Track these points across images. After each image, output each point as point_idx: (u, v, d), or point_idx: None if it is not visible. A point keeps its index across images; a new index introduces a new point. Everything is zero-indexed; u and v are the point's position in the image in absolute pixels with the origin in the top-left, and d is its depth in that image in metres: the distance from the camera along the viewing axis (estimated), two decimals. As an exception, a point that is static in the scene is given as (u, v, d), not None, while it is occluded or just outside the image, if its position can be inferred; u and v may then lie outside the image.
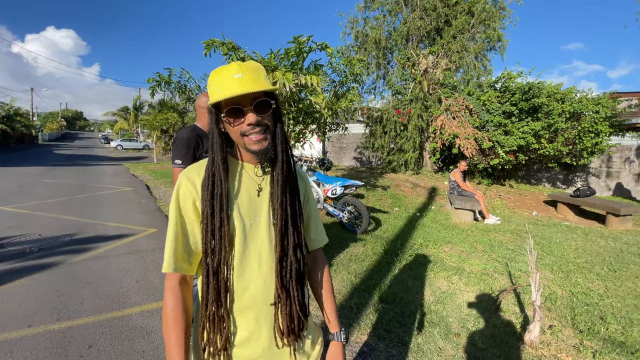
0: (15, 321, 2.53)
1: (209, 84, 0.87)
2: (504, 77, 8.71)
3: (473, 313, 2.96)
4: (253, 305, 0.89)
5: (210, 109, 0.87)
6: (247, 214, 0.90)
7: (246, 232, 0.89)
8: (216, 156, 0.88)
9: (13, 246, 4.11)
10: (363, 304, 3.05)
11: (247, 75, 0.83)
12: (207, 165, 0.89)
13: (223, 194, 0.86)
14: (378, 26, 10.32)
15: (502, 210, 7.83)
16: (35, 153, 23.20)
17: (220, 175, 0.86)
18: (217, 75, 0.85)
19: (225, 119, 0.85)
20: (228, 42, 4.97)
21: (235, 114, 0.83)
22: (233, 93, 0.80)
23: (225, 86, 0.81)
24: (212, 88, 0.85)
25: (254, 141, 0.85)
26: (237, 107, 0.83)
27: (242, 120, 0.84)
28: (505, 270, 4.00)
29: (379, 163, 12.28)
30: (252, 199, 0.92)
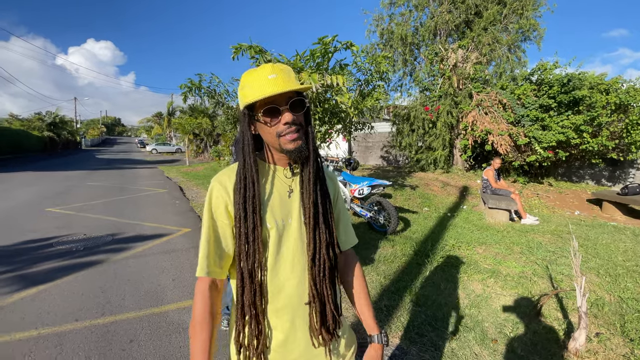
0: (64, 315, 2.71)
1: (241, 86, 0.87)
2: (540, 69, 8.23)
3: (511, 318, 2.83)
4: (288, 306, 0.90)
5: (243, 111, 0.88)
6: (280, 215, 0.91)
7: (279, 233, 0.89)
8: (247, 159, 0.89)
9: (61, 245, 4.42)
10: (393, 306, 2.99)
11: (281, 76, 0.84)
12: (238, 169, 0.90)
13: (255, 196, 0.87)
14: (404, 22, 10.11)
15: (540, 209, 7.42)
16: (79, 158, 24.83)
17: (252, 178, 0.87)
18: (250, 77, 0.86)
19: (262, 119, 0.85)
20: (255, 46, 5.06)
21: (272, 113, 0.84)
22: (271, 92, 0.81)
23: (261, 86, 0.82)
24: (246, 90, 0.85)
25: (289, 140, 0.85)
26: (273, 106, 0.83)
27: (278, 120, 0.85)
28: (545, 274, 3.79)
29: (406, 162, 12.04)
30: (284, 201, 0.93)
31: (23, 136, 24.72)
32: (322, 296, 0.92)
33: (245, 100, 0.85)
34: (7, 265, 3.68)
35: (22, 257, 3.93)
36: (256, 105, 0.85)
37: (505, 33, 9.13)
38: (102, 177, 12.59)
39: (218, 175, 0.93)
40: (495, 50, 9.04)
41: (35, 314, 2.70)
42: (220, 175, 0.93)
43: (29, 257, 3.93)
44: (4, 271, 3.51)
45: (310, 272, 0.91)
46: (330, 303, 0.94)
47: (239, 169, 0.89)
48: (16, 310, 2.74)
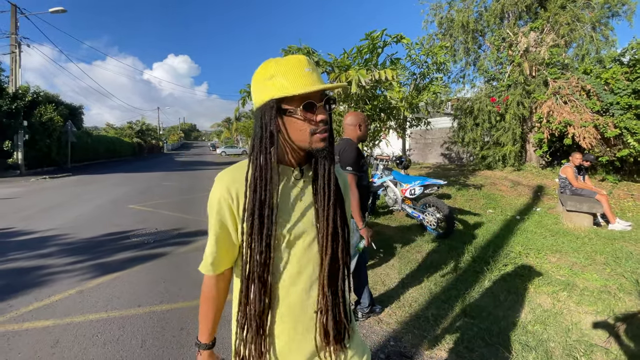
0: (129, 301, 3.03)
1: (270, 75, 0.80)
2: (633, 48, 6.93)
3: (584, 339, 2.42)
4: (291, 314, 0.86)
5: (269, 103, 0.80)
6: (290, 218, 0.87)
7: (288, 237, 0.86)
8: (268, 156, 0.82)
9: (136, 237, 4.99)
10: (442, 315, 2.78)
11: (315, 71, 0.82)
12: (253, 166, 0.83)
13: (273, 198, 0.82)
14: (466, 8, 9.33)
15: (635, 213, 6.30)
16: (161, 160, 27.91)
17: (270, 178, 0.81)
18: (281, 67, 0.80)
19: (301, 115, 0.80)
20: (304, 47, 5.13)
21: (309, 109, 0.79)
22: (316, 87, 0.77)
23: (301, 79, 0.78)
24: (278, 80, 0.79)
25: (319, 139, 0.82)
26: (311, 102, 0.79)
27: (313, 117, 0.80)
28: (634, 289, 3.19)
29: (470, 159, 11.14)
30: (294, 203, 0.88)
31: (116, 142, 28.58)
32: (334, 305, 0.88)
33: (279, 91, 0.79)
34: (91, 254, 4.25)
35: (103, 248, 4.51)
36: (289, 99, 0.79)
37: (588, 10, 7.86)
38: (177, 178, 13.95)
39: (222, 175, 0.87)
40: (575, 30, 7.83)
41: (107, 298, 3.07)
42: (224, 175, 0.87)
43: (109, 248, 4.50)
44: (88, 259, 4.07)
45: (323, 280, 0.86)
46: (342, 312, 0.90)
47: (256, 166, 0.82)
48: (93, 295, 3.14)
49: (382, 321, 2.74)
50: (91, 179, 13.43)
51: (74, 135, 17.83)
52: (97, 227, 5.62)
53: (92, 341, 2.43)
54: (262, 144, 0.81)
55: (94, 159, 22.76)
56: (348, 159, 2.49)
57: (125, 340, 2.43)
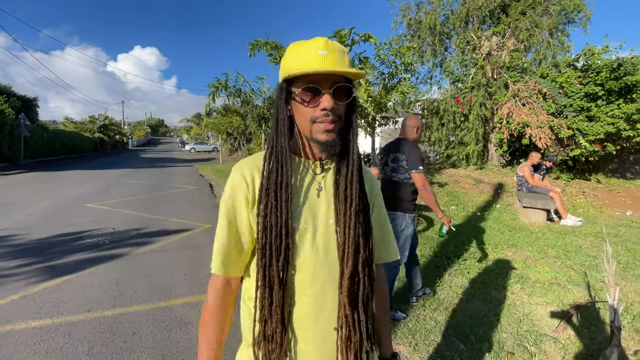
0: (79, 306, 2.84)
1: (286, 56, 0.77)
2: (586, 54, 7.43)
3: (534, 330, 2.55)
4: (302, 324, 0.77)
5: (281, 84, 0.78)
6: (305, 215, 0.78)
7: (302, 236, 0.77)
8: (282, 139, 0.77)
9: (90, 238, 4.69)
10: (403, 310, 2.82)
11: (333, 55, 0.73)
12: (267, 151, 0.78)
13: (288, 183, 0.75)
14: (433, 10, 9.59)
15: (586, 209, 6.76)
16: (125, 157, 26.60)
17: (285, 162, 0.76)
18: (298, 47, 0.76)
19: (300, 98, 0.74)
20: (271, 42, 5.03)
21: (312, 94, 0.73)
22: (316, 68, 0.70)
23: (308, 60, 0.72)
24: (290, 60, 0.75)
25: (322, 130, 0.74)
26: (315, 86, 0.73)
27: (317, 103, 0.74)
28: (582, 281, 3.40)
29: (436, 158, 11.50)
30: (312, 199, 0.80)
31: (76, 137, 26.90)
32: (355, 322, 0.76)
33: (286, 71, 0.74)
34: (40, 256, 3.96)
35: (54, 250, 4.21)
36: (296, 81, 0.74)
37: (546, 16, 8.34)
38: (142, 175, 13.35)
39: (239, 164, 0.83)
40: (534, 35, 8.28)
41: (53, 303, 2.85)
42: (241, 164, 0.82)
43: (60, 250, 4.21)
44: (36, 262, 3.78)
45: (344, 292, 0.76)
46: (363, 331, 0.78)
47: (270, 150, 0.78)
48: (37, 300, 2.91)
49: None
50: (47, 176, 12.55)
51: (28, 129, 16.60)
52: (50, 227, 5.25)
53: (34, 349, 2.26)
54: (278, 128, 0.78)
55: (50, 154, 21.31)
56: (418, 160, 2.63)
57: (70, 348, 2.27)
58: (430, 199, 2.64)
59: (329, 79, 0.73)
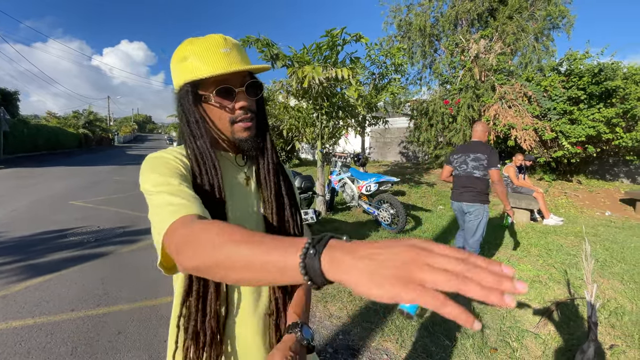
0: (62, 305, 2.79)
1: (183, 56, 0.72)
2: (569, 59, 7.65)
3: (517, 326, 2.62)
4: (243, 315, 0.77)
5: (186, 87, 0.72)
6: (239, 205, 0.78)
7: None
8: (201, 142, 0.72)
9: (74, 236, 4.59)
10: (390, 308, 2.86)
11: (235, 52, 0.72)
12: (189, 150, 0.74)
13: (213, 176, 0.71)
14: (423, 12, 9.70)
15: (567, 209, 6.95)
16: (111, 154, 26.03)
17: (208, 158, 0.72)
18: (195, 47, 0.71)
19: (215, 101, 0.71)
20: (263, 39, 5.00)
21: (226, 95, 0.71)
22: (229, 69, 0.68)
23: (213, 61, 0.69)
24: (191, 62, 0.70)
25: (243, 128, 0.74)
26: (228, 87, 0.70)
27: (232, 103, 0.72)
28: (562, 278, 3.51)
29: (425, 158, 11.66)
30: (242, 188, 0.81)
31: (59, 133, 26.13)
32: (286, 306, 0.81)
33: (191, 74, 0.70)
34: (22, 254, 3.85)
35: (37, 247, 4.11)
36: (205, 83, 0.71)
37: (532, 21, 8.54)
38: (128, 172, 13.09)
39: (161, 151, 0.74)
40: (520, 39, 8.47)
41: (35, 302, 2.79)
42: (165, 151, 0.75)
43: (43, 248, 4.11)
44: (17, 260, 3.68)
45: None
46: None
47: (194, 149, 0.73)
48: (18, 299, 2.84)
49: (332, 315, 2.76)
50: (28, 172, 12.18)
51: (8, 123, 16.08)
52: (32, 224, 5.11)
53: (14, 350, 2.20)
54: (193, 131, 0.73)
55: (32, 150, 20.66)
56: (496, 159, 3.14)
57: (52, 348, 2.22)
58: (503, 193, 3.22)
59: (239, 78, 0.72)
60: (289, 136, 6.67)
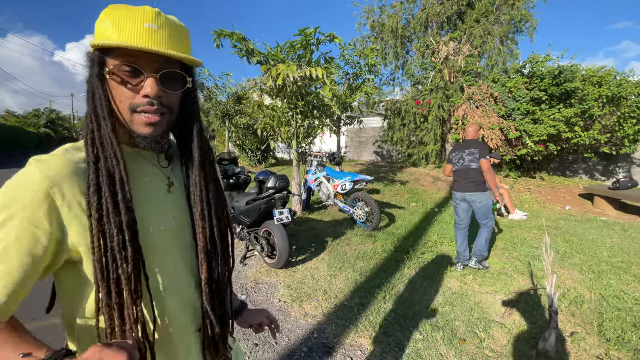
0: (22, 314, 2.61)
1: (100, 19, 0.61)
2: (531, 62, 8.08)
3: (484, 317, 2.73)
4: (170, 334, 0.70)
5: (92, 54, 0.61)
6: (158, 215, 0.68)
7: (156, 240, 0.67)
8: (103, 125, 0.60)
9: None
10: (365, 304, 2.90)
11: (165, 31, 0.61)
12: (87, 140, 0.61)
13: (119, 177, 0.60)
14: (395, 14, 9.90)
15: (531, 204, 7.32)
16: (75, 154, 24.65)
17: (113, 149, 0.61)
18: (117, 12, 0.60)
19: (116, 76, 0.61)
20: (237, 33, 4.88)
21: (131, 74, 0.61)
22: (135, 44, 0.58)
23: (129, 32, 0.59)
24: (105, 25, 0.60)
25: (144, 121, 0.63)
26: (134, 66, 0.60)
27: (137, 87, 0.62)
28: (526, 270, 3.69)
29: (398, 157, 11.91)
30: (162, 196, 0.71)
31: (19, 133, 24.53)
32: (219, 318, 0.76)
33: (99, 39, 0.59)
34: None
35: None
36: (112, 53, 0.60)
37: (497, 25, 8.95)
38: (93, 174, 12.47)
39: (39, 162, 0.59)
40: (487, 42, 8.86)
41: (-11, 314, 2.61)
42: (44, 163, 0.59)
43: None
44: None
45: (207, 291, 0.73)
46: (227, 325, 0.81)
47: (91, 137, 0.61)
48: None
49: (308, 314, 2.76)
50: (-19, 175, 11.33)
51: (-43, 122, 14.88)
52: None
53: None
54: (96, 109, 0.61)
55: (-14, 151, 19.28)
56: (486, 152, 3.67)
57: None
58: (492, 180, 3.66)
59: (155, 61, 0.62)
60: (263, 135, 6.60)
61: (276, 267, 3.57)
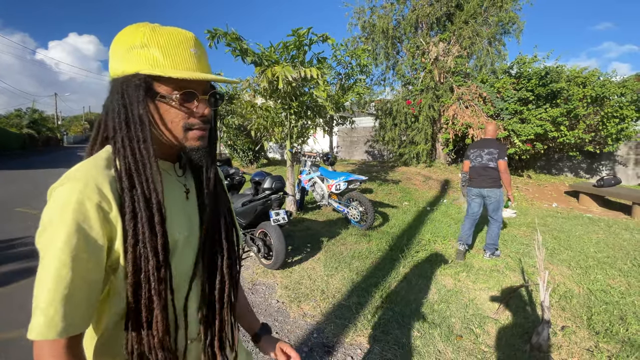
0: (15, 321, 2.57)
1: (141, 42, 0.62)
2: (518, 63, 8.28)
3: (479, 313, 2.81)
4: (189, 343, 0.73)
5: (137, 79, 0.62)
6: (178, 224, 0.71)
7: (181, 246, 0.70)
8: (144, 150, 0.62)
9: (24, 246, 4.23)
10: (362, 303, 2.94)
11: (203, 55, 0.67)
12: (120, 158, 0.63)
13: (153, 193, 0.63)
14: (386, 15, 9.98)
15: (519, 202, 7.50)
16: (60, 155, 24.11)
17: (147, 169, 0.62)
18: (159, 36, 0.63)
19: (168, 100, 0.64)
20: (232, 33, 4.84)
21: (186, 98, 0.65)
22: (203, 76, 0.62)
23: (180, 59, 0.63)
24: (151, 52, 0.62)
25: (197, 137, 0.68)
26: (191, 91, 0.64)
27: (190, 108, 0.66)
28: (517, 267, 3.80)
29: (390, 156, 12.03)
30: (182, 203, 0.74)
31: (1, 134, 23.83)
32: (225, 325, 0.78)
33: (150, 67, 0.62)
34: (-39, 269, 3.49)
35: (-21, 261, 3.74)
36: (162, 80, 0.63)
37: (486, 26, 9.12)
38: (80, 175, 12.21)
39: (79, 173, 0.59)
40: (475, 43, 9.01)
41: (-18, 321, 2.55)
42: (84, 172, 0.60)
43: (-14, 260, 3.75)
44: (-44, 276, 3.33)
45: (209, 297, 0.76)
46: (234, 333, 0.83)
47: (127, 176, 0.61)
48: (-39, 318, 2.58)
49: (306, 315, 2.79)
50: (-38, 177, 10.98)
51: None
52: (-30, 236, 4.63)
53: (-41, 375, 2.00)
54: (132, 130, 0.63)
55: (-34, 153, 18.64)
56: (504, 152, 3.93)
57: (6, 369, 2.05)
58: (508, 180, 3.92)
59: (203, 84, 0.67)
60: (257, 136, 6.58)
61: (273, 268, 3.59)
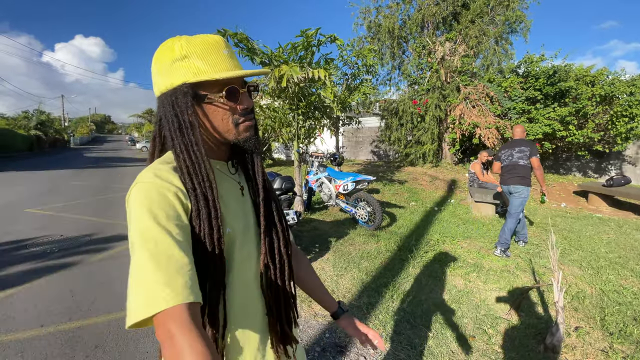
0: (30, 321, 2.60)
1: (181, 54, 0.68)
2: (526, 62, 8.22)
3: (490, 314, 2.79)
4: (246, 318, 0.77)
5: (184, 88, 0.68)
6: (238, 216, 0.77)
7: (239, 238, 0.76)
8: (195, 148, 0.68)
9: (35, 247, 4.28)
10: (373, 303, 2.94)
11: (233, 54, 0.73)
12: (181, 163, 0.68)
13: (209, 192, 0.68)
14: (391, 15, 9.96)
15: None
16: (67, 156, 24.36)
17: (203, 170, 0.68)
18: (195, 46, 0.68)
19: (223, 102, 0.70)
20: (240, 33, 4.86)
21: (231, 96, 0.70)
22: (239, 72, 0.68)
23: (218, 63, 0.69)
24: (192, 62, 0.68)
25: (246, 127, 0.74)
26: (235, 88, 0.70)
27: (235, 104, 0.72)
28: (528, 267, 3.77)
29: (396, 156, 11.99)
30: (239, 199, 0.79)
31: (8, 135, 24.11)
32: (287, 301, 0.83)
33: (195, 75, 0.67)
34: (-25, 269, 3.54)
35: (-8, 261, 3.79)
36: (204, 84, 0.69)
37: (492, 25, 9.06)
38: (88, 176, 12.34)
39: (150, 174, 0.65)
40: (482, 42, 8.95)
41: (0, 319, 2.59)
42: (156, 171, 0.66)
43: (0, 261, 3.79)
44: (-29, 275, 3.38)
45: (267, 277, 0.80)
46: (293, 310, 0.86)
47: (184, 160, 0.68)
48: (-22, 317, 2.62)
49: (318, 315, 2.79)
50: (-28, 178, 11.13)
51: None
52: (-18, 236, 4.69)
53: (-22, 373, 2.03)
54: (185, 135, 0.69)
55: (-25, 154, 18.89)
56: (536, 150, 4.14)
57: (23, 367, 2.07)
58: (542, 176, 4.11)
59: (240, 79, 0.73)
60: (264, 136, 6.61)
61: (282, 268, 3.59)
